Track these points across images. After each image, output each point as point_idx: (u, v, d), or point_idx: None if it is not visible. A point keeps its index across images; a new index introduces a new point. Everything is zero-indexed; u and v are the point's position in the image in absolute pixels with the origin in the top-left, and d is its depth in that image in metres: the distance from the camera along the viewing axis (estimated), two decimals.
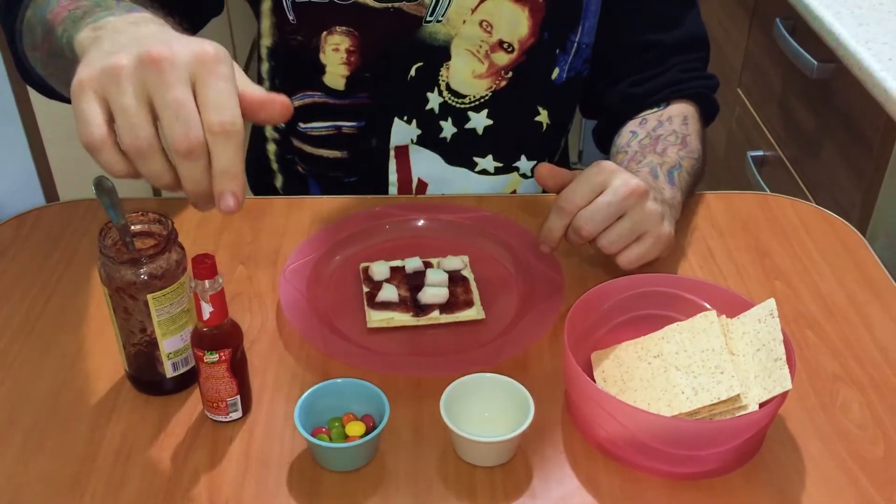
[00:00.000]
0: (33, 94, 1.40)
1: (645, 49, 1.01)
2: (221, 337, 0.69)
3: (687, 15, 1.03)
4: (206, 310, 0.67)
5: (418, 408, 0.74)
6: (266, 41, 1.02)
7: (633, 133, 0.98)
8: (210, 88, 0.54)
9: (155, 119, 0.55)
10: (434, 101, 1.01)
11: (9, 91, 1.37)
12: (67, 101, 0.78)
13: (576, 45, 1.00)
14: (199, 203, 0.58)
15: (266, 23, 0.99)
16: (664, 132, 0.96)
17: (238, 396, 0.72)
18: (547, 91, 1.03)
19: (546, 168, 0.84)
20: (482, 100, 1.01)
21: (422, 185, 1.06)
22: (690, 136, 0.96)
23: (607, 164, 0.80)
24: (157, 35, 0.59)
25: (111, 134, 0.55)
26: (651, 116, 0.99)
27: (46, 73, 0.77)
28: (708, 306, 0.78)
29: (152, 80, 0.54)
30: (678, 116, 0.99)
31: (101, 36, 0.60)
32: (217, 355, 0.69)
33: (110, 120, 0.55)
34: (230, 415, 0.73)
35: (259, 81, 1.08)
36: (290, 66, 1.02)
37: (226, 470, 0.70)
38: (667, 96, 1.00)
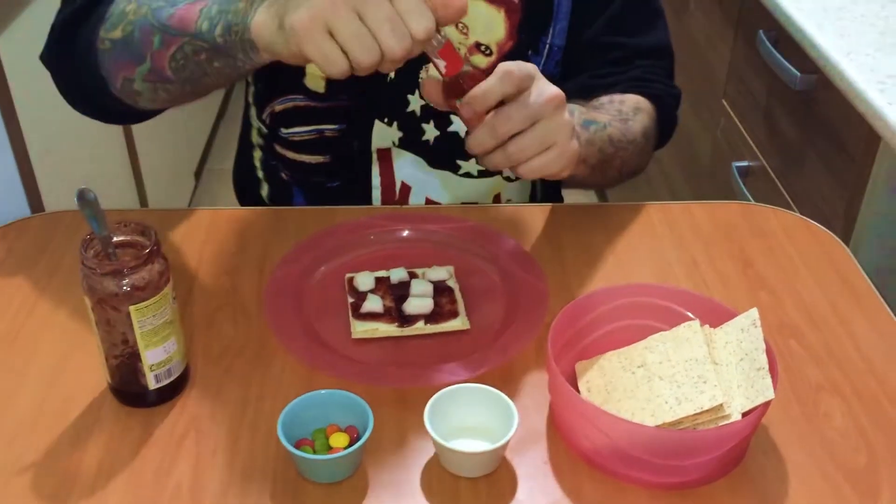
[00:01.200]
0: (17, 101, 1.40)
1: (608, 50, 1.01)
2: (464, 83, 0.73)
3: (654, 23, 1.03)
4: (440, 64, 0.71)
5: (402, 418, 0.74)
6: None
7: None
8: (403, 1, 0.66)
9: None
10: (415, 103, 1.01)
11: None
12: (137, 113, 0.90)
13: (548, 46, 1.00)
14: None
15: None
16: (608, 107, 0.93)
17: None
18: None
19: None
20: None
21: (405, 189, 1.06)
22: (633, 122, 0.94)
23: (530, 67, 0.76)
24: None
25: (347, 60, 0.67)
26: (603, 97, 0.97)
27: (154, 85, 0.82)
28: (692, 316, 0.78)
29: (360, 3, 0.65)
30: (631, 102, 0.96)
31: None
32: None
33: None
34: None
35: (247, 86, 1.08)
36: (272, 68, 1.02)
37: (209, 483, 0.69)
38: (624, 90, 0.99)
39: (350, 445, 0.69)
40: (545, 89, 0.76)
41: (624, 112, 0.94)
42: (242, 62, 0.76)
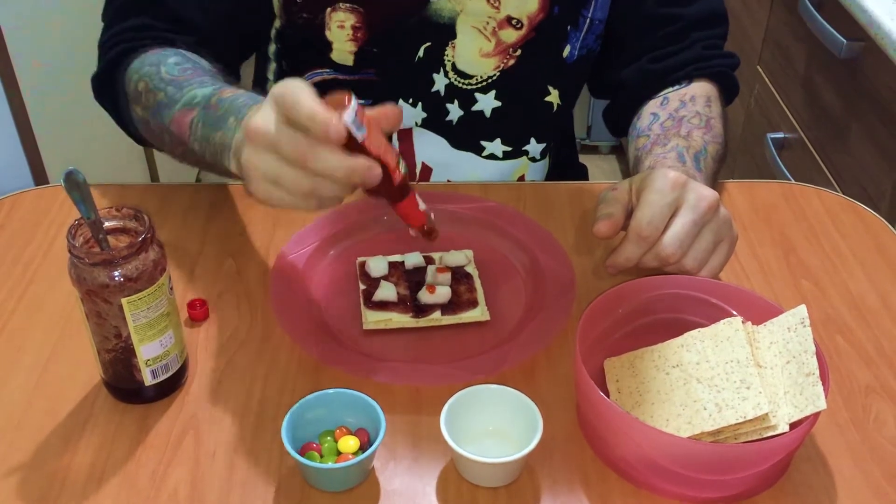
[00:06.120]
0: (19, 75, 1.33)
1: (664, 23, 0.96)
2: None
3: None
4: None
5: (416, 421, 0.69)
6: (275, 23, 0.96)
7: (654, 115, 0.92)
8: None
9: None
10: (440, 82, 0.95)
11: None
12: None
13: (588, 20, 0.94)
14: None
15: (276, 2, 0.93)
16: (687, 113, 0.91)
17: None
18: (558, 70, 0.97)
19: (605, 225, 0.75)
20: (489, 80, 0.95)
21: (426, 170, 1.01)
22: (714, 119, 0.91)
23: (671, 175, 0.74)
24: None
25: None
26: (672, 95, 0.94)
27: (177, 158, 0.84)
28: (732, 311, 0.72)
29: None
30: (701, 97, 0.93)
31: None
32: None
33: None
34: None
35: (265, 62, 1.02)
36: (298, 45, 0.96)
37: (208, 489, 0.64)
38: (689, 74, 0.95)
39: (360, 450, 0.64)
40: (700, 202, 0.73)
41: (702, 113, 0.91)
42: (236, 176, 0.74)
